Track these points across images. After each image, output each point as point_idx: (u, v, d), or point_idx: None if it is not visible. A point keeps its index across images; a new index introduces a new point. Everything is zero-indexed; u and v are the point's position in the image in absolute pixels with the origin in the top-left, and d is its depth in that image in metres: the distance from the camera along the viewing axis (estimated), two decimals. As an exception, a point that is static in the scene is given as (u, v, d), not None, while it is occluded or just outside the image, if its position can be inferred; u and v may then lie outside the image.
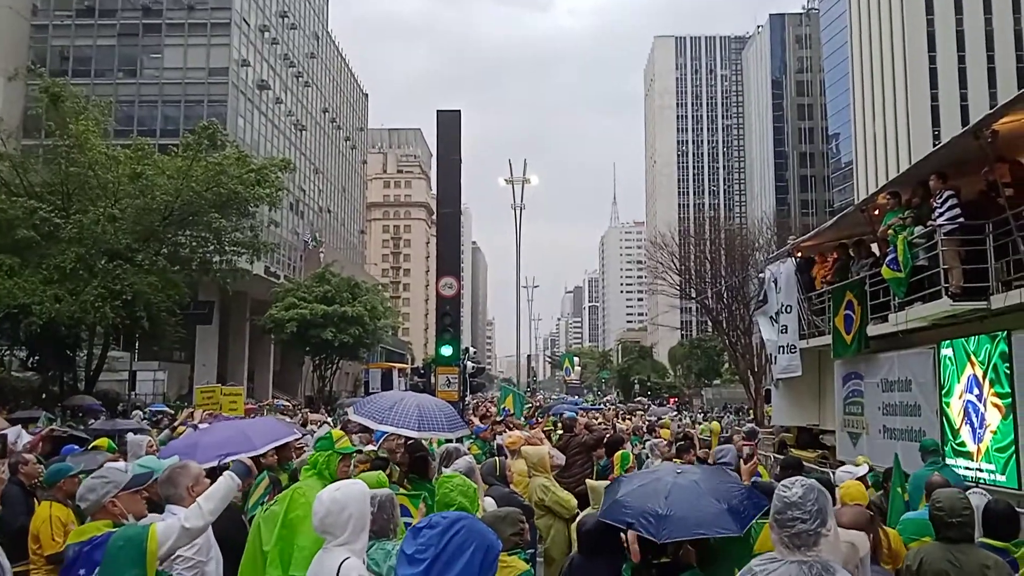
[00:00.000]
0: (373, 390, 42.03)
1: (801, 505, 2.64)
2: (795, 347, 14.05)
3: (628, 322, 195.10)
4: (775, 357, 14.87)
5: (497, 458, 6.99)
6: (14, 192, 27.59)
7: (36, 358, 30.62)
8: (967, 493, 4.36)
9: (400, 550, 2.49)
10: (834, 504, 4.81)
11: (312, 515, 3.45)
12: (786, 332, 14.21)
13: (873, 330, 11.43)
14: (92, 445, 7.84)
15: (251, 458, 5.77)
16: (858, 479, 5.70)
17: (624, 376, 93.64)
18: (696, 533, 3.60)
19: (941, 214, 9.49)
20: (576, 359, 78.19)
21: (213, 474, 4.78)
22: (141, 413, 21.16)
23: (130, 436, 8.85)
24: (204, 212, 29.79)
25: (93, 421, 18.47)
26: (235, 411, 17.05)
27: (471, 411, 16.51)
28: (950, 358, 9.66)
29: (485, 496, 5.45)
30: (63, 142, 28.37)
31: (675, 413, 33.51)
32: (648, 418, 22.05)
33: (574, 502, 6.96)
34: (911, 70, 75.20)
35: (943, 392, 9.77)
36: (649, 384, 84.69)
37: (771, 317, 14.79)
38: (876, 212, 11.93)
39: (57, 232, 26.75)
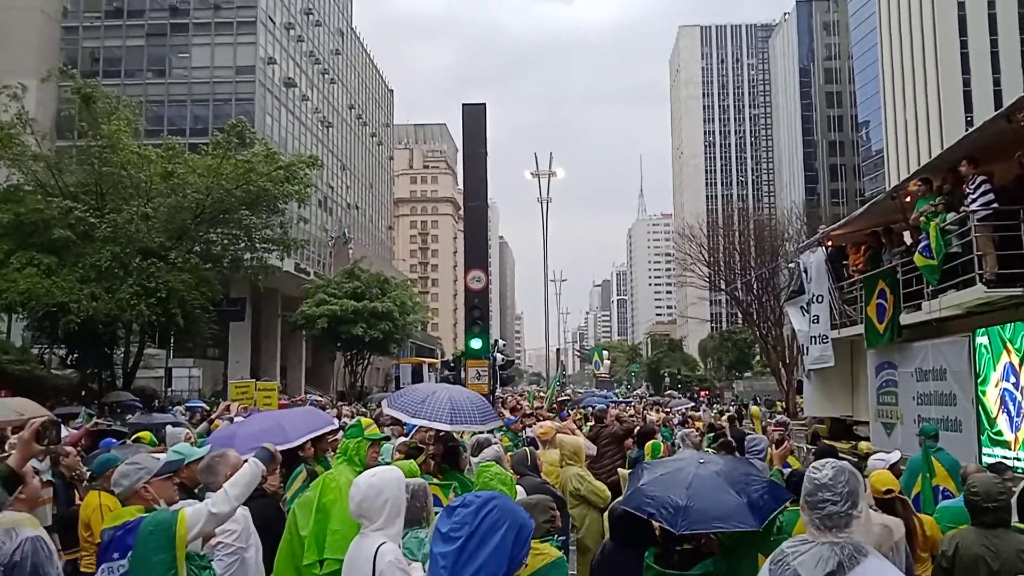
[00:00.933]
0: (404, 384, 42.33)
1: (831, 487, 2.65)
2: (827, 337, 13.91)
3: (657, 315, 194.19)
4: (807, 348, 14.74)
5: (528, 448, 7.04)
6: (50, 193, 28.14)
7: (75, 356, 31.26)
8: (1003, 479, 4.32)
9: (435, 527, 2.55)
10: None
11: (349, 500, 3.52)
12: (818, 322, 14.07)
13: (906, 319, 11.29)
14: (135, 438, 8.03)
15: (288, 450, 5.92)
16: (891, 467, 5.67)
17: (654, 369, 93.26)
18: (715, 526, 3.61)
19: (974, 200, 9.33)
20: (605, 353, 77.96)
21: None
22: (181, 408, 21.52)
23: (169, 428, 9.06)
24: (235, 209, 30.17)
25: (130, 416, 18.84)
26: (269, 406, 17.27)
27: (501, 404, 16.59)
28: (985, 346, 9.52)
29: (517, 486, 5.50)
30: (96, 142, 28.86)
31: (692, 405, 33.28)
32: (677, 410, 22.00)
33: (608, 492, 6.99)
34: (942, 55, 73.78)
35: (979, 381, 9.63)
36: (679, 377, 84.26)
37: (802, 307, 14.65)
38: (908, 199, 11.76)
39: (92, 231, 27.24)
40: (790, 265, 18.19)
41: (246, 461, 4.02)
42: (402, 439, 7.86)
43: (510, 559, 2.44)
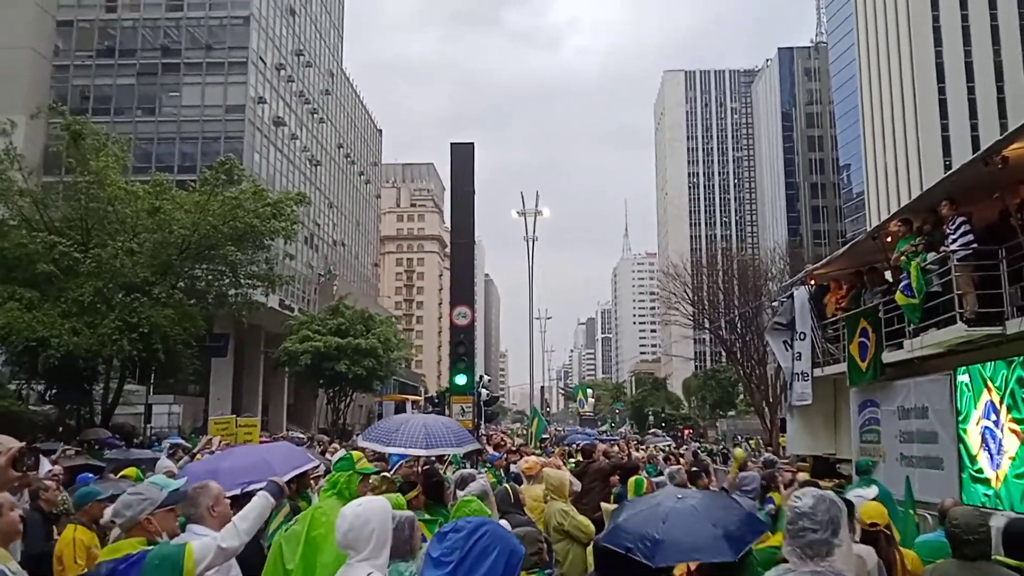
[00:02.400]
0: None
1: (811, 515, 2.69)
2: (807, 375, 14.01)
3: (642, 353, 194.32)
4: (790, 383, 14.82)
5: (508, 484, 7.01)
6: (34, 227, 27.99)
7: (53, 391, 30.78)
8: (990, 518, 4.36)
9: (426, 553, 2.55)
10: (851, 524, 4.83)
11: (335, 530, 3.51)
12: (800, 359, 14.19)
13: (888, 357, 11.40)
14: (121, 475, 7.95)
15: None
16: (871, 500, 5.69)
17: (638, 408, 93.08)
18: (692, 557, 3.64)
19: (954, 240, 9.52)
20: (590, 391, 77.85)
21: (236, 501, 4.85)
22: (167, 444, 21.18)
23: (160, 461, 8.99)
24: (221, 245, 30.07)
25: (108, 452, 18.56)
26: (250, 442, 17.10)
27: (486, 440, 16.49)
28: (967, 384, 9.63)
29: (501, 520, 5.48)
30: (83, 178, 28.79)
31: (669, 443, 33.34)
32: (659, 446, 21.95)
33: (592, 527, 6.96)
34: (921, 101, 75.46)
35: (960, 418, 9.72)
36: (664, 415, 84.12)
37: (785, 342, 14.76)
38: (888, 239, 11.96)
39: (76, 266, 27.05)
40: (781, 298, 18.31)
41: (241, 499, 3.98)
42: (385, 474, 7.80)
43: None
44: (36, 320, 25.20)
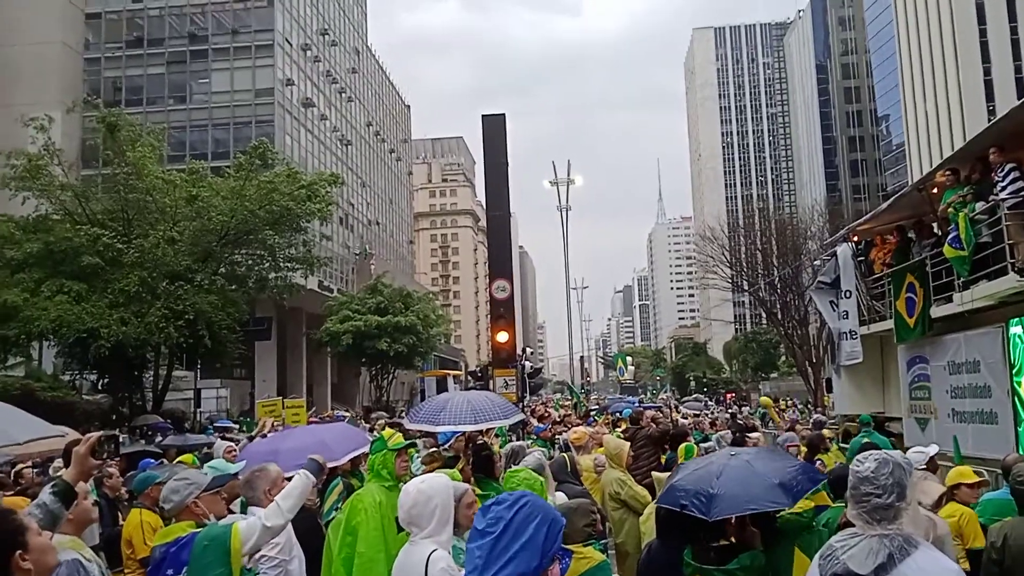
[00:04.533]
0: (429, 397, 42.34)
1: (874, 480, 2.64)
2: (856, 333, 13.79)
3: (680, 319, 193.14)
4: (838, 343, 14.60)
5: (567, 455, 7.02)
6: (77, 221, 28.58)
7: (105, 380, 31.61)
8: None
9: (472, 527, 2.59)
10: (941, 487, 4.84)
11: (399, 507, 3.53)
12: (847, 318, 13.95)
13: (937, 311, 11.16)
14: (177, 461, 8.16)
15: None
16: (930, 459, 5.62)
17: (679, 374, 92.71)
18: (747, 508, 3.62)
19: (1003, 188, 9.24)
20: (629, 359, 77.60)
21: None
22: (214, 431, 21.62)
23: (217, 442, 9.21)
24: (259, 230, 30.44)
25: (161, 438, 19.03)
26: (298, 422, 17.38)
27: (531, 412, 16.57)
28: (1019, 336, 9.38)
29: (556, 492, 5.50)
30: (121, 170, 29.27)
31: (703, 407, 33.08)
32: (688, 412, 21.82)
33: (648, 497, 6.97)
34: (961, 44, 72.92)
35: (1014, 371, 9.49)
36: (705, 380, 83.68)
37: (830, 302, 14.52)
38: (935, 191, 11.66)
39: (120, 257, 27.62)
40: (824, 256, 17.99)
41: (289, 477, 4.06)
42: (430, 449, 7.87)
43: (543, 552, 2.47)
44: (85, 312, 25.84)
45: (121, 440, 15.68)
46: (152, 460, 8.85)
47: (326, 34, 66.59)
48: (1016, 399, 9.43)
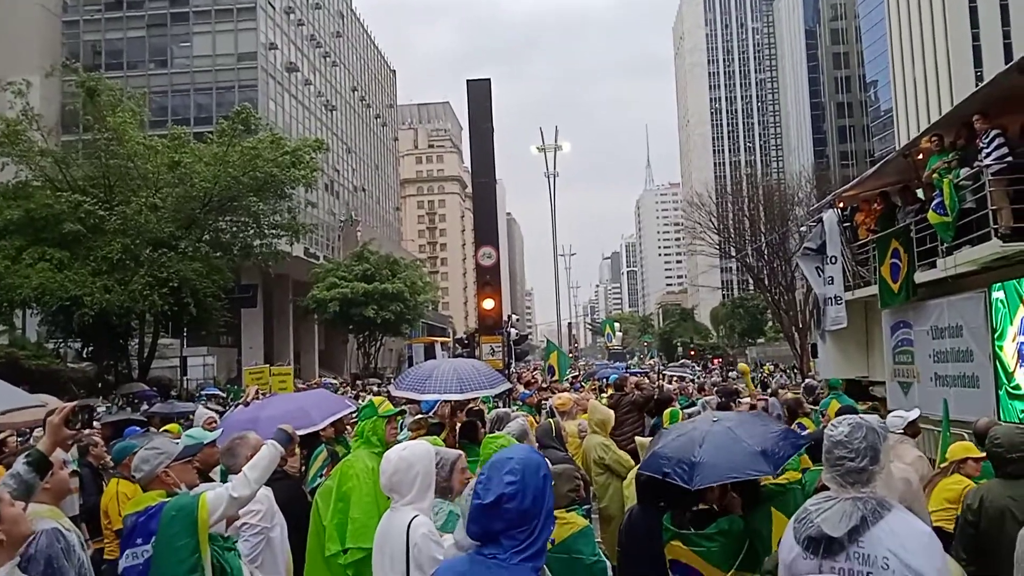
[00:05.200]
0: (417, 364, 42.43)
1: (847, 444, 2.66)
2: (841, 298, 13.86)
3: (668, 285, 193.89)
4: (823, 308, 14.67)
5: (552, 420, 7.05)
6: (58, 187, 28.25)
7: (90, 348, 31.49)
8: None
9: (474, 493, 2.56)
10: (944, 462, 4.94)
11: (380, 474, 3.52)
12: (832, 283, 14.00)
13: (921, 277, 11.21)
14: (163, 429, 8.14)
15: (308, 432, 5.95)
16: (909, 423, 5.67)
17: (666, 339, 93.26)
18: (729, 477, 3.63)
19: (988, 154, 9.23)
20: (617, 325, 77.87)
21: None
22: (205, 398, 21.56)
23: (199, 409, 9.19)
24: (242, 197, 30.20)
25: (147, 407, 19.01)
26: (285, 390, 17.41)
27: (517, 379, 16.63)
28: (1002, 301, 9.44)
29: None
30: (102, 135, 28.89)
31: (688, 371, 33.38)
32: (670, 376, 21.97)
33: (632, 462, 7.03)
34: (950, 10, 72.56)
35: (996, 336, 9.56)
36: (692, 346, 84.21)
37: (817, 267, 14.57)
38: (920, 157, 11.65)
39: (102, 224, 27.36)
40: (810, 222, 18.02)
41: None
42: (416, 416, 7.88)
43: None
44: (68, 280, 25.64)
45: (101, 409, 15.61)
46: (137, 428, 8.83)
47: (310, -4, 65.50)
48: (997, 363, 9.52)
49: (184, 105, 53.48)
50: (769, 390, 16.75)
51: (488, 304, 16.35)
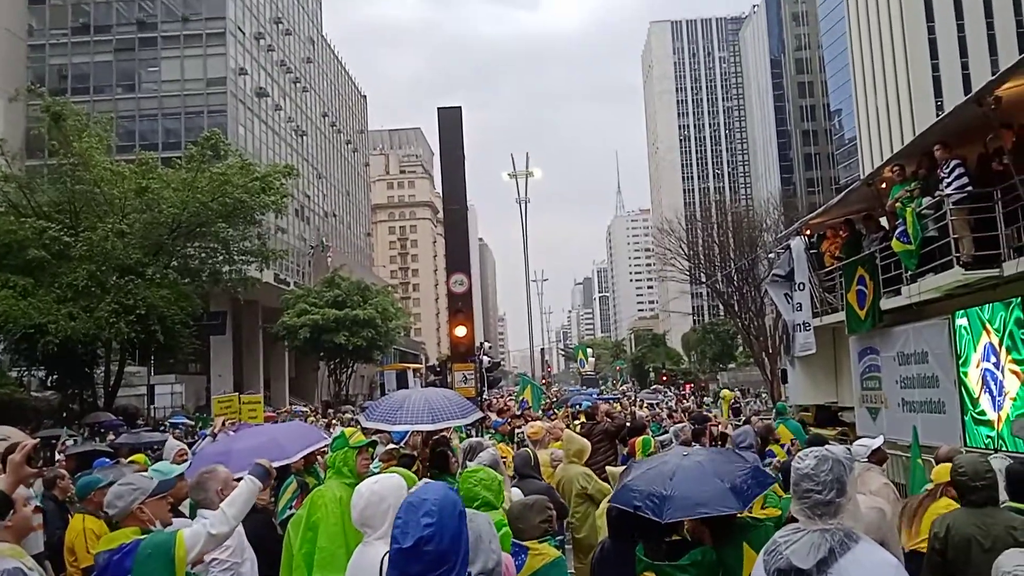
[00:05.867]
0: (389, 391, 42.14)
1: (814, 476, 2.69)
2: (809, 324, 14.05)
3: (639, 310, 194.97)
4: (792, 335, 14.86)
5: (529, 449, 7.03)
6: (22, 213, 27.77)
7: (54, 377, 30.81)
8: (989, 458, 4.39)
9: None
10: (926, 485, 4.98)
11: (351, 508, 3.49)
12: (800, 310, 14.21)
13: (887, 304, 11.41)
14: (129, 460, 7.96)
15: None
16: (873, 451, 5.74)
17: (639, 365, 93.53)
18: (698, 512, 3.68)
19: (949, 183, 9.46)
20: (590, 350, 77.99)
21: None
22: (176, 429, 21.08)
23: (169, 441, 9.00)
24: (211, 223, 29.91)
25: (114, 436, 18.60)
26: (255, 419, 17.12)
27: (488, 406, 16.57)
28: (965, 327, 9.64)
29: (514, 487, 5.50)
30: (67, 160, 28.52)
31: (659, 397, 33.53)
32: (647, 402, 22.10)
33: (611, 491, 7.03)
34: (910, 41, 74.60)
35: (960, 362, 9.75)
36: (664, 371, 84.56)
37: (786, 294, 14.77)
38: (883, 185, 11.91)
39: (67, 251, 26.92)
40: (778, 250, 18.29)
41: (241, 478, 3.99)
42: (387, 447, 7.82)
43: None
44: (32, 307, 25.13)
45: (68, 441, 15.26)
46: (107, 460, 8.62)
47: (280, 23, 65.61)
48: (962, 389, 9.70)
49: (152, 130, 53.06)
50: (743, 417, 16.86)
51: (460, 331, 16.31)
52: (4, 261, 26.52)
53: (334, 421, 22.02)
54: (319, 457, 7.25)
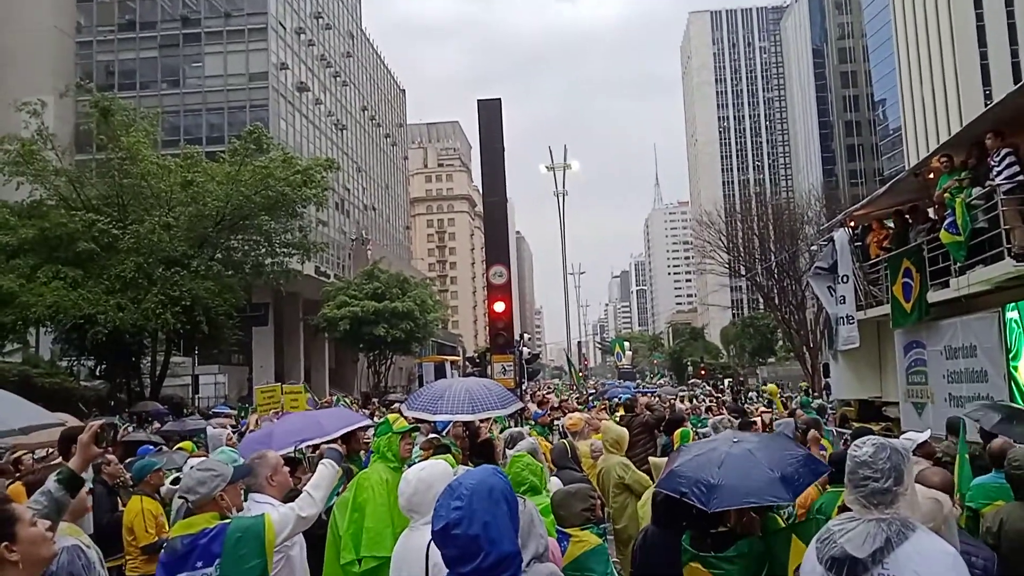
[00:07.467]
0: (427, 383, 42.36)
1: (872, 464, 2.65)
2: (853, 318, 13.82)
3: (677, 304, 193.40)
4: (835, 328, 14.62)
5: (566, 441, 7.05)
6: (72, 206, 28.48)
7: (103, 367, 31.59)
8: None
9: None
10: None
11: (398, 495, 3.55)
12: (844, 303, 13.98)
13: (934, 296, 11.17)
14: (177, 447, 8.17)
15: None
16: (920, 445, 5.64)
17: (676, 359, 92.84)
18: (746, 501, 3.60)
19: (999, 173, 9.22)
20: (627, 344, 77.78)
21: (291, 462, 4.92)
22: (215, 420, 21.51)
23: (210, 429, 9.21)
24: (254, 215, 30.37)
25: (160, 425, 19.03)
26: (297, 408, 17.33)
27: (529, 398, 16.60)
28: (1016, 320, 9.40)
29: (553, 477, 5.53)
30: (115, 155, 29.16)
31: (683, 392, 33.11)
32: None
33: (650, 481, 7.01)
34: (957, 29, 72.69)
35: (1010, 356, 9.51)
36: (702, 365, 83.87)
37: (829, 287, 14.54)
38: (931, 176, 11.65)
39: (115, 243, 27.56)
40: (821, 242, 18.00)
41: (285, 456, 4.07)
42: (428, 436, 7.90)
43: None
44: (82, 298, 25.80)
45: (122, 427, 15.65)
46: (151, 447, 8.87)
47: (320, 17, 66.13)
48: (1013, 384, 9.47)
49: (196, 125, 53.95)
50: (787, 410, 16.67)
51: (499, 307, 16.26)
52: (55, 253, 27.25)
53: (376, 412, 22.21)
54: (362, 443, 7.34)
